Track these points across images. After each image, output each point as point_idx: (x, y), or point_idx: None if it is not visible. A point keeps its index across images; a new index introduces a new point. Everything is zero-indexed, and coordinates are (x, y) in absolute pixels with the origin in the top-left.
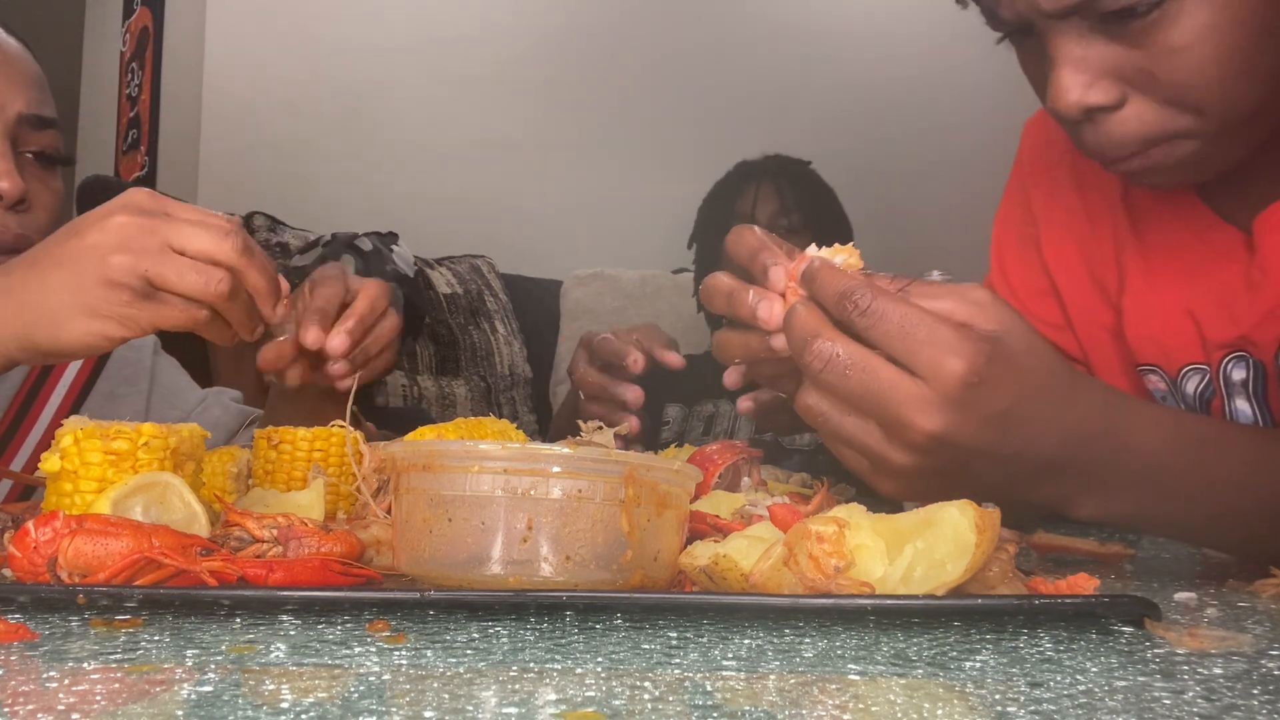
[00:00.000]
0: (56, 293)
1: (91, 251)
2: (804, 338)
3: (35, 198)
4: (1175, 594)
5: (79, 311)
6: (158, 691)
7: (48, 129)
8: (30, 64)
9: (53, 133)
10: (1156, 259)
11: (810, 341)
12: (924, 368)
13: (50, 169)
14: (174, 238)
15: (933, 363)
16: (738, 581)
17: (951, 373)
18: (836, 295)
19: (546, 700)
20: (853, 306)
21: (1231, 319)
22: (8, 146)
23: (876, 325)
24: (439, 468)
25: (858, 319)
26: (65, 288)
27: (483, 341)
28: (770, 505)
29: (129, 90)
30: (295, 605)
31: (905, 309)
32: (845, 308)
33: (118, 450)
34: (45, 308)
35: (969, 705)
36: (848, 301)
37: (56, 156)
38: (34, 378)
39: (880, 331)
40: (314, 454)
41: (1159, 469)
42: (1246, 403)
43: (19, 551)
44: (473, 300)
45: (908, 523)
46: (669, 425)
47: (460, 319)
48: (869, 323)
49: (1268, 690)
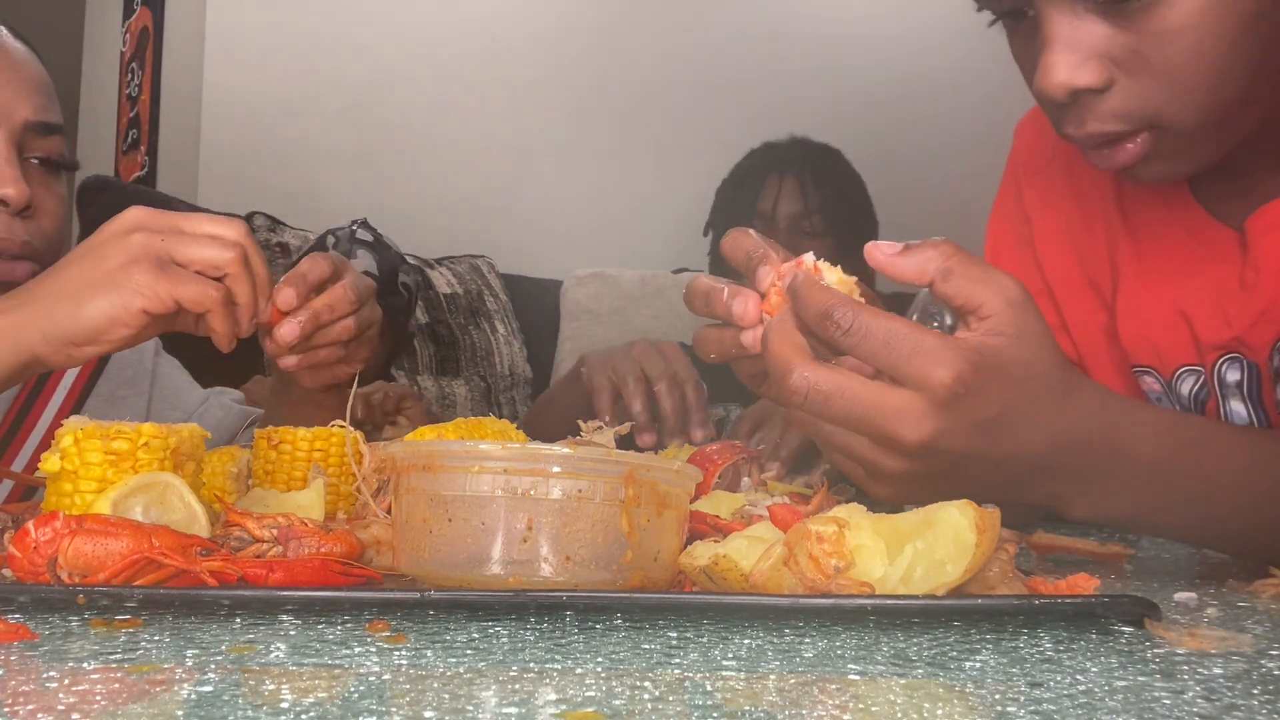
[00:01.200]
0: (78, 277)
1: (111, 240)
2: (781, 372)
3: (40, 204)
4: (1175, 594)
5: (100, 288)
6: (158, 691)
7: (53, 135)
8: (37, 69)
9: (58, 139)
10: (1150, 259)
11: (786, 376)
12: (911, 379)
13: (55, 175)
14: (184, 224)
15: (919, 374)
16: (738, 581)
17: (939, 382)
18: (818, 313)
19: (546, 700)
20: (834, 326)
21: (1225, 320)
22: (13, 153)
23: (861, 342)
24: (439, 468)
25: (841, 338)
26: (86, 271)
27: (483, 341)
28: (770, 505)
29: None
30: (295, 605)
31: (888, 323)
32: (827, 327)
33: (118, 450)
34: (66, 292)
35: (969, 705)
36: (829, 321)
37: (62, 162)
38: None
39: (865, 349)
40: (314, 454)
41: (1154, 471)
42: (1241, 404)
43: (19, 551)
44: (473, 300)
45: (908, 523)
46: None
47: (460, 319)
48: (853, 340)
49: (1268, 690)
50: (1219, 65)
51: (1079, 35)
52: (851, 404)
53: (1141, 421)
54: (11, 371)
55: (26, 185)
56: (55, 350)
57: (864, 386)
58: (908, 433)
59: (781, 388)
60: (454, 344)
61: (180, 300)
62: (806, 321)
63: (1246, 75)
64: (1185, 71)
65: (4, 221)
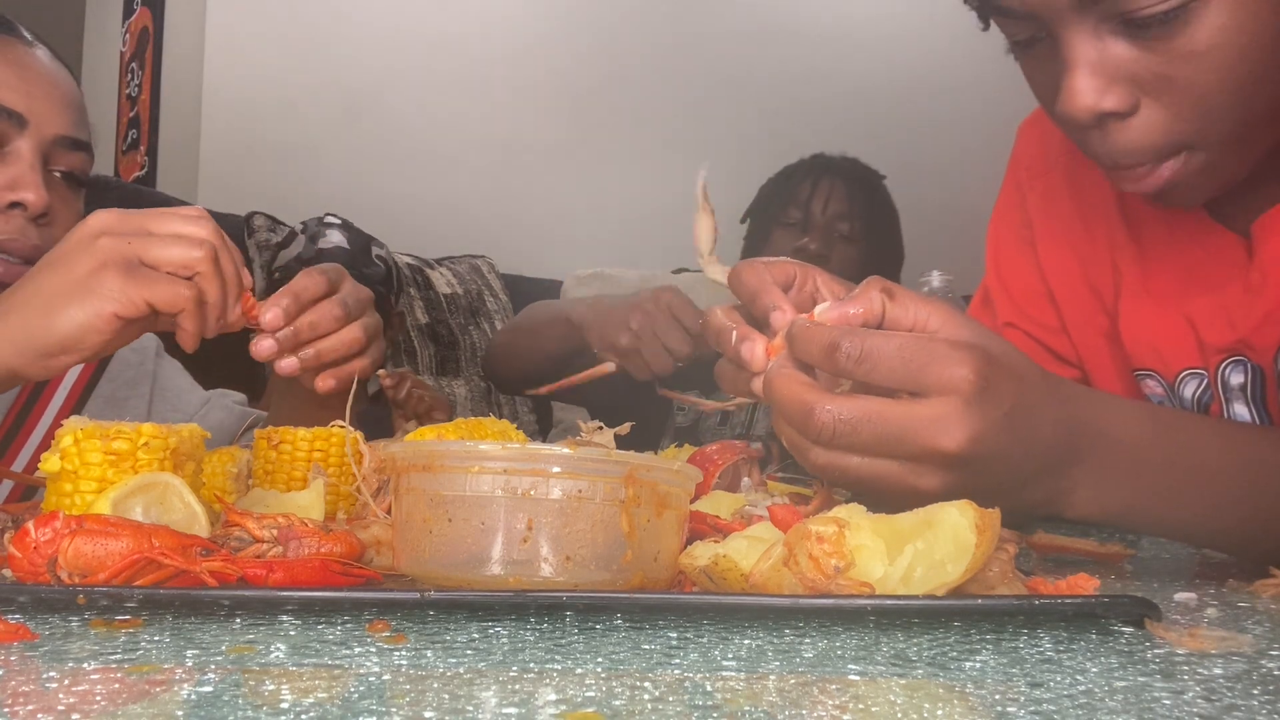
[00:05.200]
0: (47, 287)
1: (78, 246)
2: (801, 413)
3: (56, 214)
4: (1175, 594)
5: (71, 297)
6: (158, 691)
7: (79, 151)
8: (72, 88)
9: (83, 155)
10: (1153, 263)
11: (808, 416)
12: (936, 386)
13: (75, 189)
14: (152, 225)
15: (941, 380)
16: (738, 582)
17: (965, 380)
18: (824, 349)
19: (546, 700)
20: (845, 356)
21: (1229, 323)
22: (39, 161)
23: (877, 366)
24: (439, 468)
25: (855, 367)
26: (55, 281)
27: (483, 341)
28: (770, 505)
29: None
30: (295, 605)
31: (897, 339)
32: (838, 359)
33: (118, 450)
34: (37, 303)
35: (969, 705)
36: (838, 353)
37: (83, 179)
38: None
39: (883, 370)
40: (314, 454)
41: (1140, 457)
42: (1245, 407)
43: (19, 551)
44: (473, 300)
45: (908, 523)
46: (684, 413)
47: (460, 319)
48: (868, 366)
49: (1268, 690)
50: (1245, 85)
51: (1103, 58)
52: (882, 426)
53: (1120, 409)
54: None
55: (46, 193)
56: (30, 362)
57: (891, 407)
58: (947, 442)
59: (805, 427)
60: (454, 344)
61: (152, 302)
62: (813, 361)
63: (1271, 92)
64: (1211, 91)
65: (19, 225)
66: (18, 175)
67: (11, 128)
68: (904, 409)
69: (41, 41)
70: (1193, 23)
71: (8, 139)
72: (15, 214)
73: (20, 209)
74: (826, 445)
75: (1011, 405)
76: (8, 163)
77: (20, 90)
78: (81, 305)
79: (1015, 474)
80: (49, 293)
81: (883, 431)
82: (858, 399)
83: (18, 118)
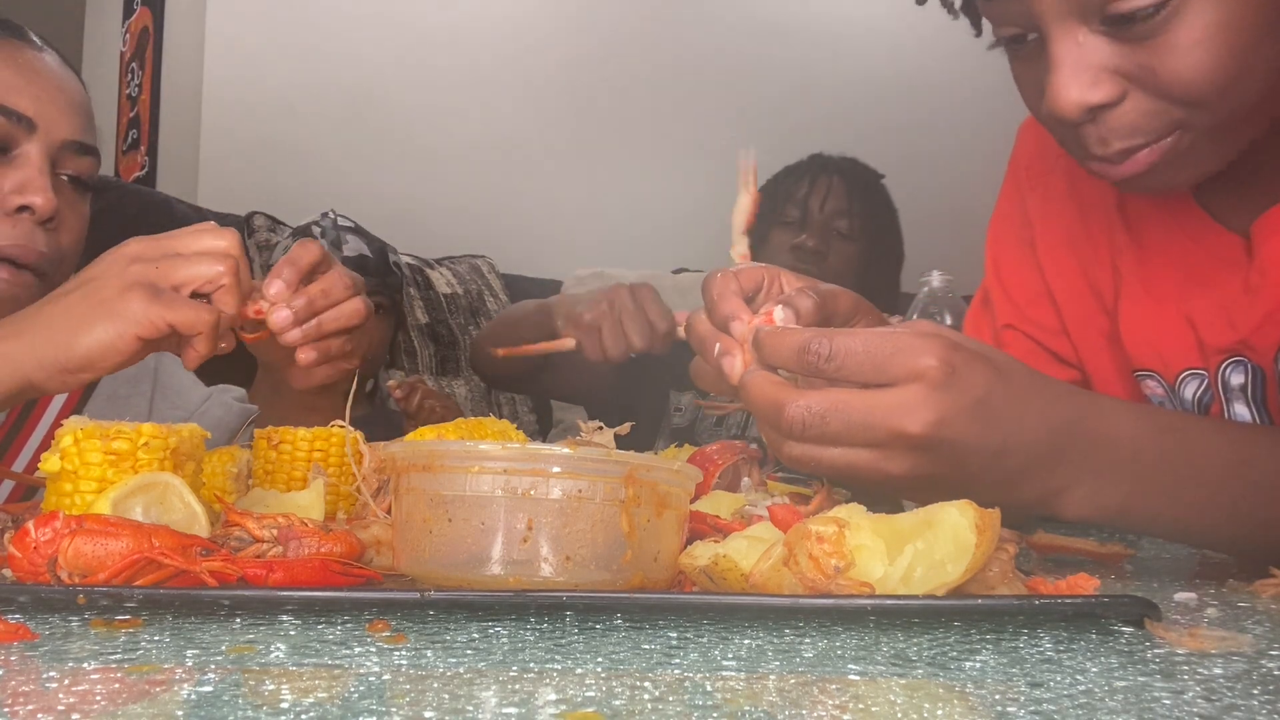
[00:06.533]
0: (76, 307)
1: (109, 270)
2: (773, 410)
3: (63, 219)
4: (1175, 594)
5: (97, 318)
6: (158, 691)
7: (87, 156)
8: (81, 92)
9: (91, 160)
10: (1153, 264)
11: (779, 412)
12: (902, 375)
13: (83, 194)
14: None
15: (907, 368)
16: (738, 582)
17: (929, 368)
18: (794, 351)
19: (546, 700)
20: (815, 356)
21: (1230, 324)
22: (47, 165)
23: (845, 362)
24: (439, 468)
25: (825, 365)
26: (83, 301)
27: None
28: (770, 505)
29: (129, 90)
30: (295, 605)
31: (863, 336)
32: (807, 360)
33: (118, 450)
34: (64, 322)
35: (969, 705)
36: (807, 354)
37: (91, 183)
38: None
39: (851, 366)
40: (314, 454)
41: (1137, 457)
42: (1245, 408)
43: (19, 551)
44: (473, 300)
45: (908, 523)
46: (681, 413)
47: (460, 319)
48: (837, 363)
49: (1268, 690)
50: (1231, 75)
51: (1087, 54)
52: (850, 415)
53: (1114, 409)
54: (6, 397)
55: (54, 197)
56: (50, 377)
57: (857, 396)
58: (911, 424)
59: (778, 424)
60: (454, 344)
61: (174, 325)
62: (785, 365)
63: (1257, 82)
64: (1197, 82)
65: (26, 229)
66: (26, 179)
67: (20, 132)
68: (870, 397)
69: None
70: (1177, 18)
71: (16, 143)
72: (23, 218)
73: (28, 213)
74: (799, 438)
75: (983, 393)
76: (16, 166)
77: (29, 95)
78: (106, 327)
79: (998, 469)
80: (77, 313)
81: (851, 420)
82: (826, 391)
83: (27, 122)
